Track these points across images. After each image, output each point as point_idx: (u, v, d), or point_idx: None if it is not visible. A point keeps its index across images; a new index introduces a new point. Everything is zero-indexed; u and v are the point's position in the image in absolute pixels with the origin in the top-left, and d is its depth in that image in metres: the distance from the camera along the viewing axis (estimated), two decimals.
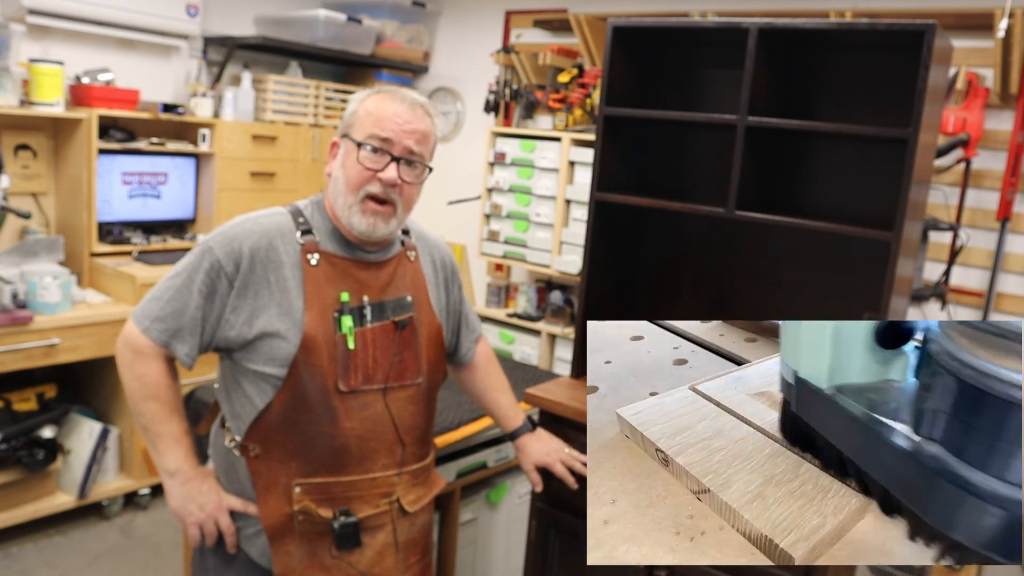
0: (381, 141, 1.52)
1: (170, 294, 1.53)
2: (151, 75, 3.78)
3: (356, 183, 1.53)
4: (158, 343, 1.52)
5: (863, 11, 3.16)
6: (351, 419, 1.55)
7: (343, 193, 1.54)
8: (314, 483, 1.55)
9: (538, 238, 3.78)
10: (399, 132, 1.52)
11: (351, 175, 1.53)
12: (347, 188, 1.54)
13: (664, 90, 2.31)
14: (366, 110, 1.54)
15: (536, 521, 2.11)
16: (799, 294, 2.20)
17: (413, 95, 1.57)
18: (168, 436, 1.55)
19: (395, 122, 1.52)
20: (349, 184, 1.53)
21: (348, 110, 1.58)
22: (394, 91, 1.58)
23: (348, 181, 1.53)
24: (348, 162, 1.54)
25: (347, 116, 1.57)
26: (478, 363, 1.90)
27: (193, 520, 1.57)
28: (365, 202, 1.53)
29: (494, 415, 1.92)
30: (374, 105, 1.54)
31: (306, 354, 1.50)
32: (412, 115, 1.54)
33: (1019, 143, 2.93)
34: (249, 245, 1.52)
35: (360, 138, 1.52)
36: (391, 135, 1.52)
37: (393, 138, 1.52)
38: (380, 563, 1.62)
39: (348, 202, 1.54)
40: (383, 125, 1.52)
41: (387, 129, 1.52)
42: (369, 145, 1.52)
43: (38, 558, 3.00)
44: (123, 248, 3.49)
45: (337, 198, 1.56)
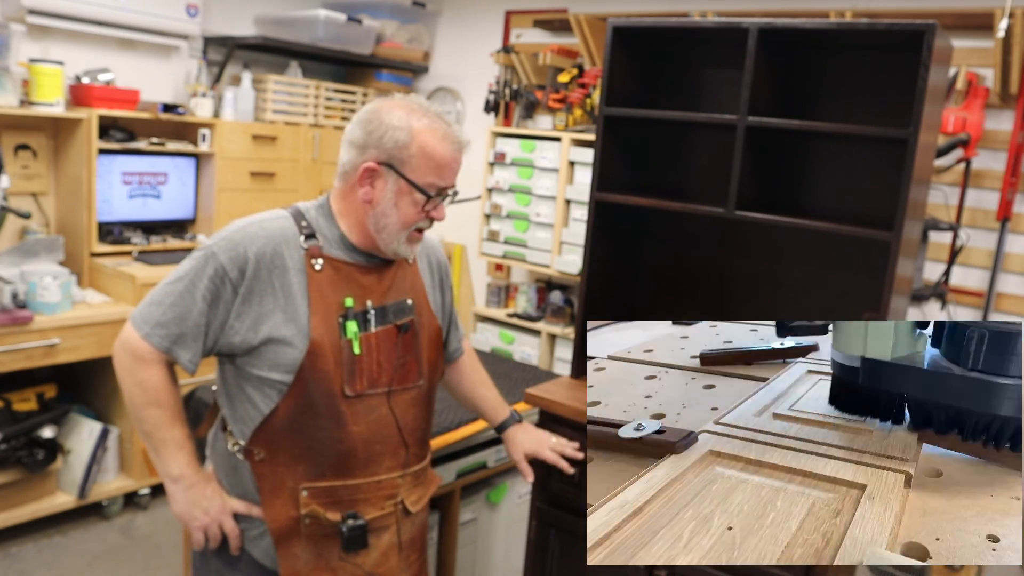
0: (441, 188, 1.54)
1: (172, 299, 1.50)
2: (151, 75, 3.78)
3: (412, 222, 1.55)
4: (159, 349, 1.50)
5: (863, 11, 3.16)
6: (357, 423, 1.55)
7: (394, 229, 1.54)
8: (321, 487, 1.55)
9: (538, 238, 3.78)
10: (453, 176, 1.56)
11: (407, 216, 1.54)
12: (401, 226, 1.54)
13: (664, 90, 2.31)
14: (421, 149, 1.50)
15: (536, 521, 2.11)
16: (799, 294, 2.20)
17: (456, 131, 1.56)
18: (171, 442, 1.54)
19: (452, 168, 1.55)
20: (404, 223, 1.54)
21: (390, 137, 1.49)
22: (443, 128, 1.53)
23: (403, 220, 1.54)
24: (403, 202, 1.52)
25: (390, 145, 1.49)
26: (464, 360, 1.92)
27: (198, 525, 1.57)
28: (412, 234, 1.57)
29: (481, 410, 1.92)
30: (430, 146, 1.51)
31: (313, 360, 1.50)
32: (461, 156, 1.57)
33: (1019, 143, 2.93)
34: (255, 251, 1.50)
35: (419, 181, 1.51)
36: (450, 181, 1.56)
37: (451, 183, 1.56)
38: (385, 563, 1.63)
39: (399, 237, 1.55)
40: (443, 173, 1.53)
41: (446, 177, 1.54)
42: (431, 191, 1.53)
43: (38, 558, 3.00)
44: (123, 248, 3.49)
45: (383, 231, 1.55)
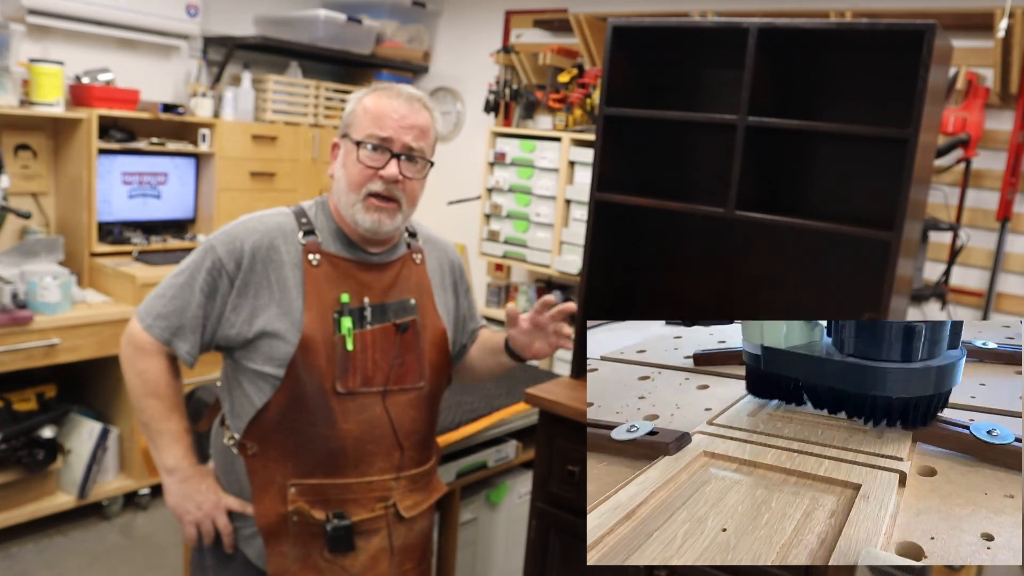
0: (380, 139, 1.52)
1: (173, 292, 1.53)
2: (151, 75, 3.78)
3: (358, 182, 1.52)
4: (160, 340, 1.53)
5: (863, 11, 3.16)
6: (348, 421, 1.54)
7: (345, 192, 1.55)
8: (309, 484, 1.55)
9: (538, 238, 3.78)
10: (398, 128, 1.52)
11: (352, 174, 1.53)
12: (349, 187, 1.54)
13: (664, 90, 2.31)
14: (364, 108, 1.54)
15: (536, 521, 2.11)
16: (799, 294, 2.20)
17: (410, 90, 1.57)
18: (167, 434, 1.56)
19: (393, 119, 1.52)
20: (351, 183, 1.53)
21: (347, 110, 1.58)
22: (391, 87, 1.57)
23: (350, 180, 1.53)
24: (348, 161, 1.54)
25: (346, 116, 1.57)
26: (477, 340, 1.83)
27: (190, 519, 1.57)
28: (368, 200, 1.53)
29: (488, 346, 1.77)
30: (372, 103, 1.54)
31: (304, 354, 1.50)
32: (410, 110, 1.54)
33: (1019, 143, 2.93)
34: (251, 244, 1.52)
35: (359, 137, 1.52)
36: (390, 132, 1.52)
37: (392, 135, 1.52)
38: (374, 568, 1.60)
39: (351, 200, 1.54)
40: (381, 123, 1.52)
41: (386, 127, 1.52)
42: (369, 144, 1.51)
43: (38, 558, 3.00)
44: (123, 248, 3.49)
45: (340, 197, 1.56)
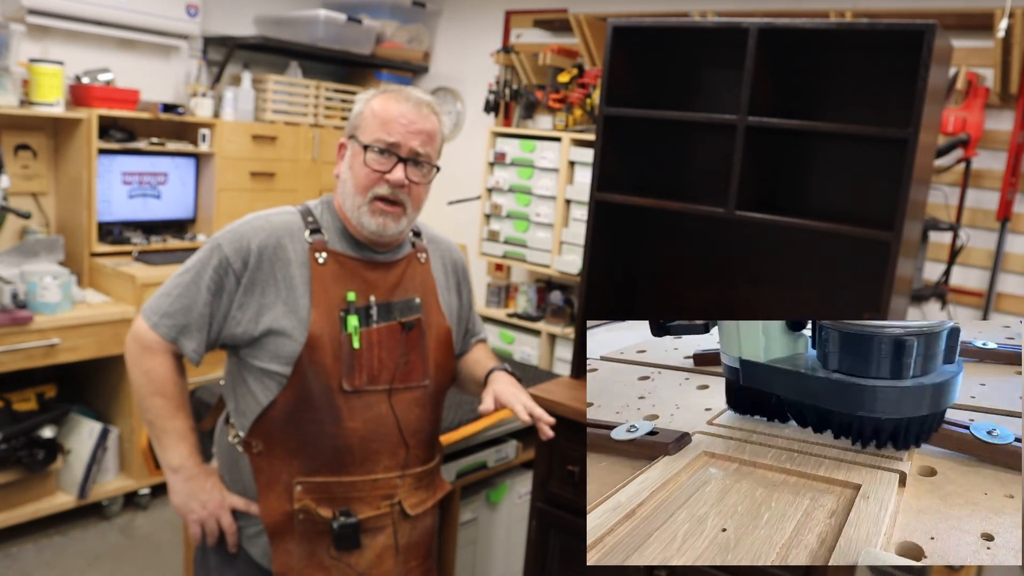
0: (387, 144, 1.52)
1: (179, 290, 1.54)
2: (151, 75, 3.78)
3: (364, 185, 1.53)
4: (166, 339, 1.54)
5: (863, 11, 3.16)
6: (354, 419, 1.55)
7: (351, 195, 1.55)
8: (315, 482, 1.55)
9: (538, 238, 3.78)
10: (405, 133, 1.52)
11: (359, 177, 1.54)
12: (355, 190, 1.54)
13: (664, 90, 2.31)
14: (372, 111, 1.54)
15: (536, 521, 2.11)
16: (799, 294, 2.20)
17: (418, 94, 1.57)
18: (173, 432, 1.56)
19: (400, 123, 1.52)
20: (357, 186, 1.54)
21: (354, 111, 1.58)
22: (399, 90, 1.57)
23: (356, 183, 1.54)
24: (355, 164, 1.55)
25: (353, 117, 1.57)
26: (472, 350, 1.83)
27: (195, 517, 1.57)
28: (373, 203, 1.54)
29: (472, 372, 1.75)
30: (379, 106, 1.54)
31: (311, 353, 1.50)
32: (417, 115, 1.54)
33: (1019, 143, 2.93)
34: (257, 242, 1.53)
35: (366, 140, 1.53)
36: (398, 137, 1.52)
37: (400, 140, 1.52)
38: (379, 565, 1.61)
39: (357, 203, 1.55)
40: (389, 127, 1.52)
41: (393, 132, 1.52)
42: (376, 147, 1.52)
43: (38, 558, 3.00)
44: (123, 248, 3.49)
45: (346, 199, 1.57)
